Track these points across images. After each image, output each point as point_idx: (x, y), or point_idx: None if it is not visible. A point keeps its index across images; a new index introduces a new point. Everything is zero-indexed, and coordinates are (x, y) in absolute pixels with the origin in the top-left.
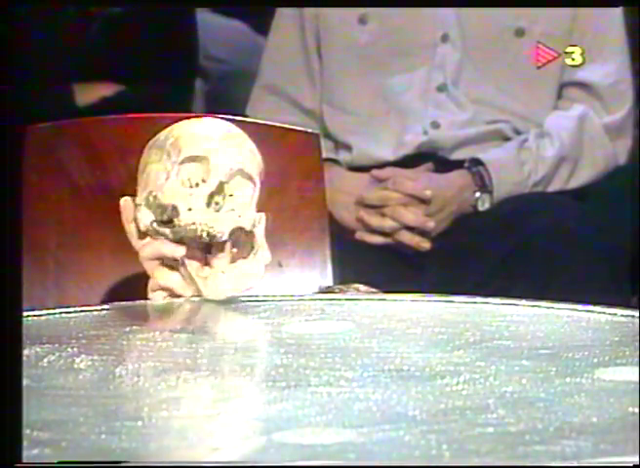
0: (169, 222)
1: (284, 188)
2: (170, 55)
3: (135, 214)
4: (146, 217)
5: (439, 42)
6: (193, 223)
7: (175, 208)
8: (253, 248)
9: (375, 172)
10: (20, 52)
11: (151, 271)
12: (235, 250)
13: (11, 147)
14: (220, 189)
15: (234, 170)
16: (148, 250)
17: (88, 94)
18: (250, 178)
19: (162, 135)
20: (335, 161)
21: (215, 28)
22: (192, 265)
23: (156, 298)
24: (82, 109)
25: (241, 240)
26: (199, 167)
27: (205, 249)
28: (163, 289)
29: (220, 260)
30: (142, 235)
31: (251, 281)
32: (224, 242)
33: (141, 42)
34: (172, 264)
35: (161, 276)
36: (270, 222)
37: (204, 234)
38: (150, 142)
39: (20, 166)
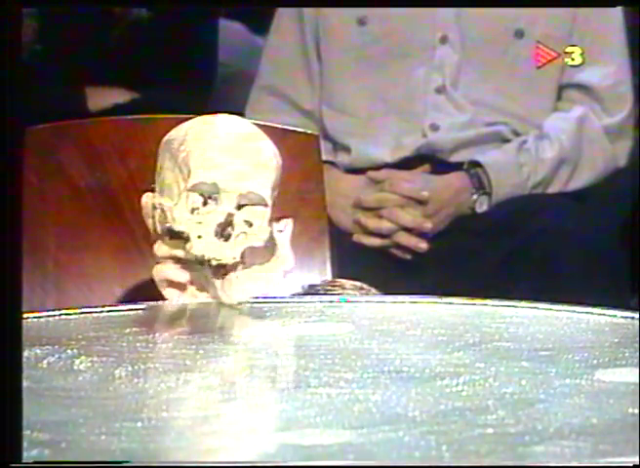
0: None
1: (284, 190)
2: (190, 62)
3: (153, 214)
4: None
5: (438, 44)
6: (202, 255)
7: (186, 236)
8: (273, 253)
9: (371, 173)
10: (34, 50)
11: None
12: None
13: (11, 148)
14: (228, 218)
15: (244, 193)
16: (155, 274)
17: (101, 99)
18: (261, 199)
19: (177, 138)
20: (332, 163)
21: None
22: (208, 269)
23: (168, 295)
24: (93, 114)
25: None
26: (207, 193)
27: None
28: (172, 283)
29: (237, 265)
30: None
31: (267, 287)
32: None
33: (162, 49)
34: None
35: (172, 273)
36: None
37: (213, 262)
38: (165, 140)
39: (20, 167)
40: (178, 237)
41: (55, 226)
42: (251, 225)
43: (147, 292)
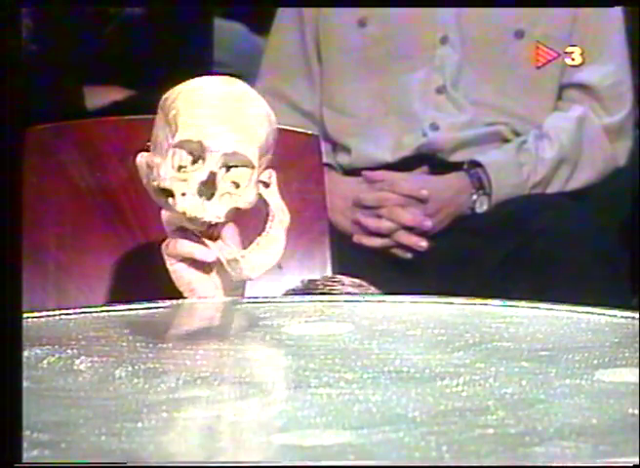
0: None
1: (284, 190)
2: (184, 59)
3: (148, 172)
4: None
5: (438, 44)
6: (184, 212)
7: (170, 192)
8: (267, 214)
9: (366, 173)
10: (30, 51)
11: (173, 237)
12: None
13: (11, 149)
14: (211, 177)
15: (229, 154)
16: (177, 249)
17: (98, 97)
18: (247, 161)
19: (170, 97)
20: (330, 166)
21: (216, 31)
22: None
23: (177, 269)
24: (91, 113)
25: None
26: (192, 150)
27: (216, 232)
28: (182, 256)
29: (235, 244)
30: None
31: (274, 255)
32: (233, 224)
33: (156, 45)
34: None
35: (182, 244)
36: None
37: (196, 222)
38: (162, 99)
39: (21, 167)
40: (164, 194)
41: (55, 226)
42: (237, 186)
43: (147, 292)
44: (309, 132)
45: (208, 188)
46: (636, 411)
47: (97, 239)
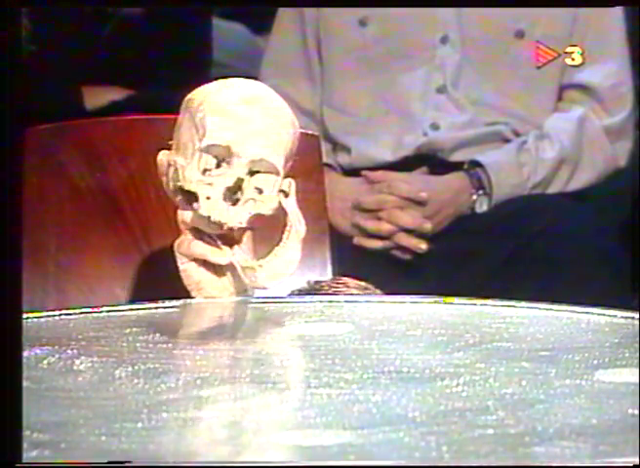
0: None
1: None
2: (183, 59)
3: (168, 171)
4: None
5: (439, 43)
6: (209, 216)
7: (195, 196)
8: (285, 224)
9: (367, 173)
10: (29, 51)
11: (188, 235)
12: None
13: (11, 149)
14: (238, 182)
15: (256, 160)
16: (191, 249)
17: (97, 97)
18: (272, 168)
19: (197, 98)
20: (330, 166)
21: (216, 32)
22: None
23: (187, 269)
24: (90, 113)
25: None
26: (218, 154)
27: (233, 239)
28: (195, 256)
29: (249, 249)
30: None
31: (289, 267)
32: (248, 231)
33: (155, 46)
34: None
35: (196, 245)
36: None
37: (218, 226)
38: (187, 99)
39: (20, 167)
40: (188, 197)
41: (55, 227)
42: (261, 192)
43: (147, 292)
44: (309, 131)
45: (233, 193)
46: (636, 412)
47: (97, 239)
